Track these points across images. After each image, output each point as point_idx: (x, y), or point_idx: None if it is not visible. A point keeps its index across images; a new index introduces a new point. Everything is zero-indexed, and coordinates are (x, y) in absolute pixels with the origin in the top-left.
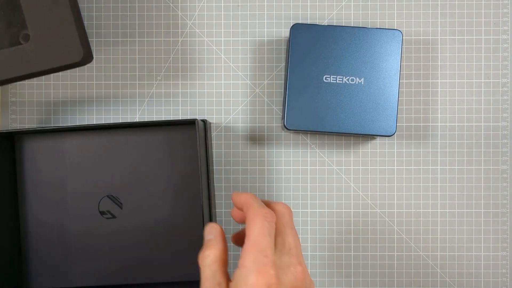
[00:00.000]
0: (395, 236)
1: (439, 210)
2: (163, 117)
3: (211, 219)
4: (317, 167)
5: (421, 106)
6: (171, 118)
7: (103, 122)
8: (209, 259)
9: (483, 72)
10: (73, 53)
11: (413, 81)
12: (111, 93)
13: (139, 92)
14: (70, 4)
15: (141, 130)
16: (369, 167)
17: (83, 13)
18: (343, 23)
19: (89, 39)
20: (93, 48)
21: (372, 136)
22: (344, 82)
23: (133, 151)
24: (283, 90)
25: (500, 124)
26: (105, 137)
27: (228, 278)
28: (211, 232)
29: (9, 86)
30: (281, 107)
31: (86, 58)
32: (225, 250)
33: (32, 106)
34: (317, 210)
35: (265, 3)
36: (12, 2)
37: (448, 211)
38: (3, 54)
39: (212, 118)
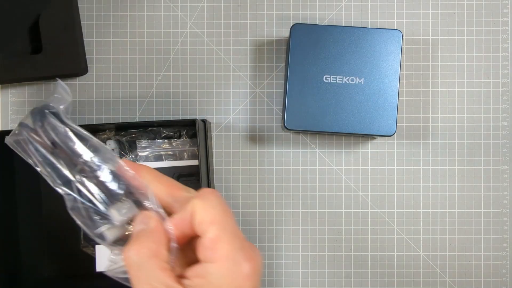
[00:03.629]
0: (395, 236)
1: (439, 210)
2: (163, 117)
3: None
4: (317, 167)
5: (421, 106)
6: (171, 118)
7: (103, 122)
8: (142, 255)
9: (483, 72)
10: (74, 65)
11: (413, 81)
12: (111, 93)
13: (139, 92)
14: (77, 29)
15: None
16: (369, 167)
17: (83, 13)
18: (343, 23)
19: (89, 39)
20: (93, 48)
21: (372, 136)
22: (344, 82)
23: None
24: (283, 90)
25: (500, 124)
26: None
27: (177, 279)
28: (143, 220)
29: (9, 86)
30: (281, 107)
31: (83, 70)
32: (165, 243)
33: (32, 106)
34: (317, 210)
35: (265, 3)
36: (34, 22)
37: (448, 211)
38: (20, 59)
39: (212, 118)
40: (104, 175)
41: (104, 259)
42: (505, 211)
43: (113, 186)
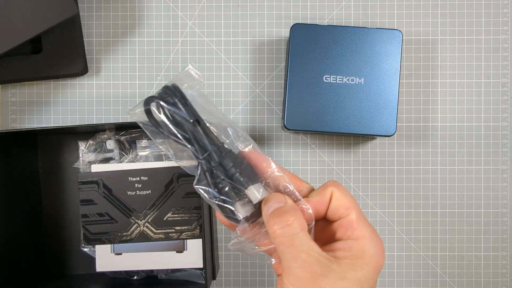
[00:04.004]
0: (395, 236)
1: (439, 210)
2: None
3: (211, 218)
4: (317, 167)
5: (421, 106)
6: None
7: (103, 122)
8: (293, 227)
9: (483, 72)
10: (75, 66)
11: (413, 81)
12: (111, 93)
13: (139, 92)
14: (77, 29)
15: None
16: (369, 167)
17: (83, 13)
18: (343, 23)
19: (89, 39)
20: (93, 48)
21: (372, 136)
22: (344, 82)
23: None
24: (283, 90)
25: (500, 124)
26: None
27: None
28: (280, 200)
29: (9, 86)
30: (281, 107)
31: (83, 71)
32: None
33: (32, 106)
34: None
35: (265, 3)
36: None
37: (448, 211)
38: (19, 60)
39: (212, 118)
40: (241, 158)
41: (104, 259)
42: (505, 211)
43: (248, 168)
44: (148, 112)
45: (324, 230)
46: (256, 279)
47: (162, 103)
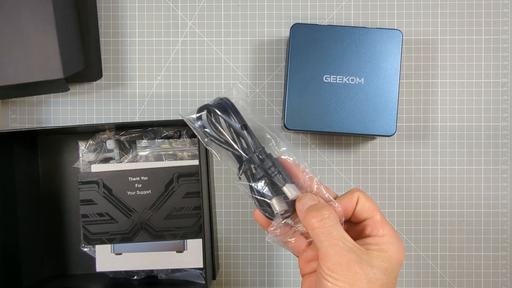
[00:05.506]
0: None
1: (439, 210)
2: (163, 117)
3: (211, 218)
4: (317, 167)
5: (421, 106)
6: (171, 118)
7: (103, 122)
8: (331, 220)
9: (483, 72)
10: (90, 72)
11: (413, 81)
12: (111, 93)
13: (139, 92)
14: (94, 37)
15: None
16: (369, 167)
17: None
18: (343, 23)
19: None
20: None
21: (372, 136)
22: (344, 82)
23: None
24: (283, 90)
25: (500, 124)
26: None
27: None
28: (313, 198)
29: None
30: (281, 107)
31: (98, 76)
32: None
33: (32, 106)
34: None
35: (265, 3)
36: None
37: (448, 211)
38: None
39: None
40: (278, 160)
41: (104, 259)
42: (505, 211)
43: (285, 170)
44: (200, 118)
45: (349, 231)
46: (256, 279)
47: (216, 109)
